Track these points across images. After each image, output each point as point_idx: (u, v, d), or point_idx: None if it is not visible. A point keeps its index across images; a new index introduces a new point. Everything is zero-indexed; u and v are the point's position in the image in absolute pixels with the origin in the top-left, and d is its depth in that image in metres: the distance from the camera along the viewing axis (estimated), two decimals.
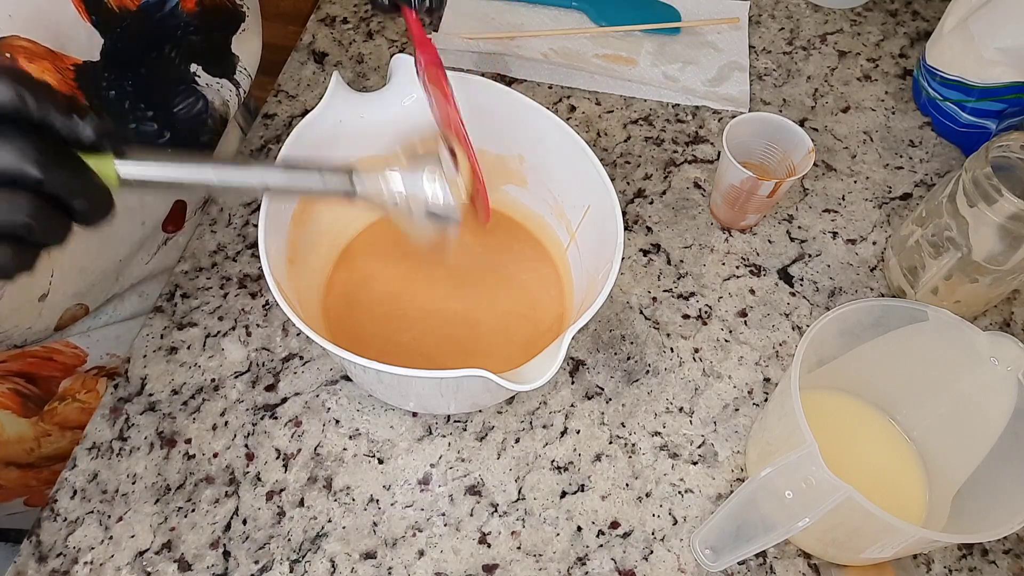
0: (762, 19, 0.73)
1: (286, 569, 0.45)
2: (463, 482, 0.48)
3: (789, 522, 0.38)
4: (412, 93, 0.49)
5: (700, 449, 0.50)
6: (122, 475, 0.47)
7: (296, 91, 0.66)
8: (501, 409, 0.51)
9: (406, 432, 0.49)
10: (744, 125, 0.56)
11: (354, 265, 0.53)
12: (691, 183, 0.62)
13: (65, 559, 0.45)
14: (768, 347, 0.54)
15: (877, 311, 0.44)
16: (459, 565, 0.45)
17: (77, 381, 0.56)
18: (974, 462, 0.44)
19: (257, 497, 0.47)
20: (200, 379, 0.51)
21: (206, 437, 0.49)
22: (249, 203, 0.59)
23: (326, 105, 0.47)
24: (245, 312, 0.54)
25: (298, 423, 0.50)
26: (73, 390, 0.56)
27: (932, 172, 0.64)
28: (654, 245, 0.59)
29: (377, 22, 0.72)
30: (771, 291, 0.57)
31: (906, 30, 0.73)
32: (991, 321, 0.56)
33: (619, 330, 0.54)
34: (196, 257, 0.56)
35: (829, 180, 0.63)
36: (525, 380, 0.37)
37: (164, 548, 0.45)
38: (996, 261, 0.48)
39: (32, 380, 0.54)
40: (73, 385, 0.56)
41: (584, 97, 0.67)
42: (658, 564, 0.46)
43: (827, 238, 0.60)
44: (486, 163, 0.53)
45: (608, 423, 0.50)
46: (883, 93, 0.69)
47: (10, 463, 0.56)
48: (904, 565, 0.46)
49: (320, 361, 0.52)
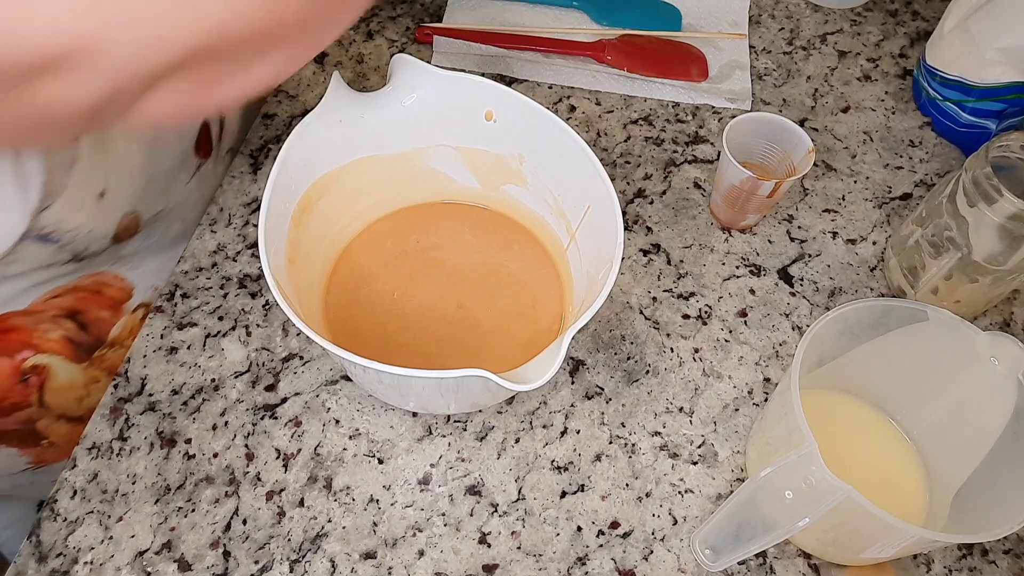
0: (762, 19, 0.73)
1: (286, 569, 0.45)
2: (463, 482, 0.48)
3: (789, 522, 0.38)
4: (412, 93, 0.49)
5: (700, 449, 0.50)
6: (122, 475, 0.47)
7: (296, 91, 0.66)
8: (501, 409, 0.51)
9: (406, 432, 0.50)
10: (744, 125, 0.56)
11: (354, 265, 0.53)
12: (691, 183, 0.62)
13: (65, 559, 0.45)
14: (768, 347, 0.54)
15: (877, 311, 0.44)
16: (459, 565, 0.45)
17: (125, 328, 0.58)
18: (974, 462, 0.44)
19: (257, 497, 0.47)
20: (200, 379, 0.51)
21: (206, 437, 0.49)
22: (249, 203, 0.59)
23: (326, 105, 0.47)
24: (245, 312, 0.54)
25: (298, 423, 0.50)
26: (121, 337, 0.58)
27: (932, 172, 0.64)
28: (654, 245, 0.59)
29: (377, 22, 0.72)
30: (771, 291, 0.57)
31: (906, 30, 0.73)
32: (991, 321, 0.56)
33: (619, 330, 0.54)
34: (196, 257, 0.56)
35: (829, 180, 0.63)
36: (525, 380, 0.37)
37: (164, 548, 0.45)
38: (996, 261, 0.48)
39: (83, 326, 0.56)
40: (121, 333, 0.58)
41: (584, 97, 0.67)
42: (658, 564, 0.46)
43: (827, 238, 0.60)
44: (486, 163, 0.53)
45: (608, 423, 0.50)
46: (883, 93, 0.69)
47: (61, 416, 0.58)
48: (904, 565, 0.46)
49: (320, 361, 0.52)
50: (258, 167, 0.61)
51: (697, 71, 0.68)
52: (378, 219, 0.55)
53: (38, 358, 0.54)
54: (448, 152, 0.53)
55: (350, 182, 0.51)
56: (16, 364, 0.53)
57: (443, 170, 0.54)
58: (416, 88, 0.49)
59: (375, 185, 0.53)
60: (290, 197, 0.46)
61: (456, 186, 0.55)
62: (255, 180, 0.60)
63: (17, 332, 0.53)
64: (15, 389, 0.54)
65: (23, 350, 0.53)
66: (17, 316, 0.52)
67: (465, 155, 0.53)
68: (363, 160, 0.50)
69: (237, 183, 0.60)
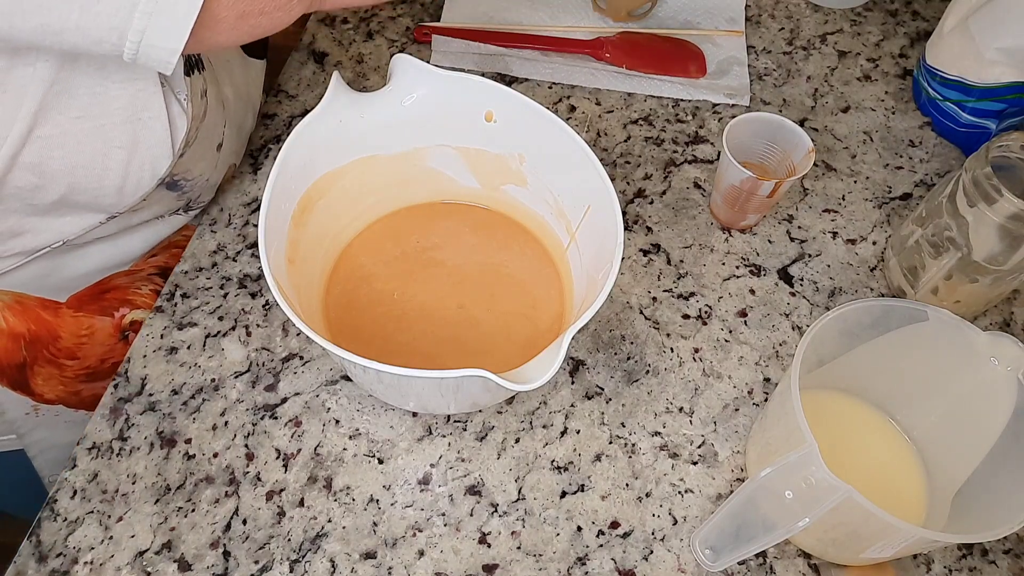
0: (762, 19, 0.73)
1: (286, 569, 0.45)
2: (463, 482, 0.48)
3: (789, 522, 0.38)
4: (412, 93, 0.49)
5: (700, 449, 0.50)
6: (122, 475, 0.47)
7: (296, 91, 0.66)
8: (501, 409, 0.51)
9: (406, 432, 0.50)
10: (744, 125, 0.56)
11: (354, 265, 0.53)
12: (691, 183, 0.62)
13: (65, 559, 0.45)
14: (768, 347, 0.54)
15: (877, 311, 0.44)
16: (459, 565, 0.45)
17: None
18: (974, 462, 0.44)
19: (257, 497, 0.47)
20: (200, 379, 0.51)
21: (206, 437, 0.49)
22: (249, 203, 0.59)
23: (326, 105, 0.47)
24: (245, 312, 0.54)
25: (298, 423, 0.50)
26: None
27: (932, 172, 0.64)
28: (654, 245, 0.59)
29: (377, 22, 0.72)
30: (771, 291, 0.57)
31: (906, 30, 0.73)
32: (991, 321, 0.56)
33: (619, 330, 0.54)
34: (196, 257, 0.56)
35: (829, 180, 0.63)
36: (525, 380, 0.37)
37: (164, 548, 0.45)
38: (996, 261, 0.48)
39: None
40: None
41: (584, 97, 0.67)
42: (658, 564, 0.46)
43: (827, 238, 0.60)
44: (486, 163, 0.53)
45: (608, 423, 0.50)
46: (883, 93, 0.69)
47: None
48: (904, 565, 0.46)
49: (320, 361, 0.52)
50: (258, 167, 0.61)
51: (695, 68, 0.68)
52: (378, 219, 0.55)
53: (135, 314, 0.57)
54: (448, 152, 0.53)
55: (350, 182, 0.51)
56: (116, 322, 0.56)
57: (443, 170, 0.54)
58: (416, 88, 0.49)
59: (375, 185, 0.53)
60: (290, 197, 0.46)
61: (456, 186, 0.55)
62: (255, 180, 0.60)
63: (116, 291, 0.56)
64: (116, 347, 0.57)
65: (121, 307, 0.56)
66: (120, 276, 0.56)
67: (465, 155, 0.53)
68: (363, 160, 0.50)
69: (237, 183, 0.60)
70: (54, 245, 0.50)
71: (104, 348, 0.57)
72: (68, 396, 0.58)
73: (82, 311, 0.55)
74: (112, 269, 0.56)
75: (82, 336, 0.55)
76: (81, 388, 0.58)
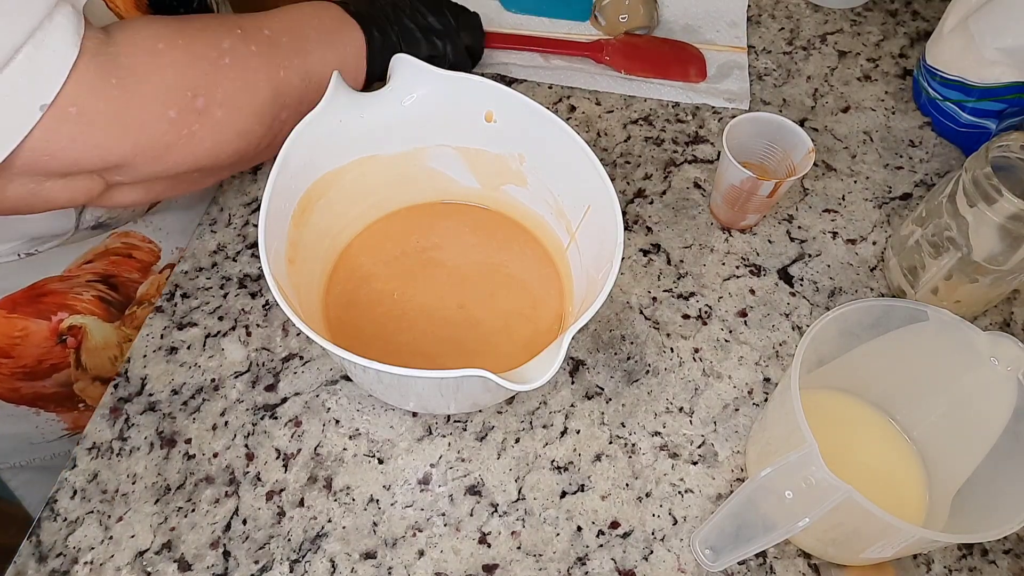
0: (762, 19, 0.73)
1: (286, 569, 0.45)
2: (463, 482, 0.48)
3: (789, 522, 0.38)
4: (412, 93, 0.49)
5: (700, 449, 0.50)
6: (122, 475, 0.47)
7: None
8: (501, 409, 0.51)
9: (406, 432, 0.50)
10: (744, 125, 0.56)
11: (354, 265, 0.53)
12: (691, 183, 0.62)
13: (65, 559, 0.45)
14: (768, 347, 0.54)
15: (877, 311, 0.44)
16: (459, 565, 0.45)
17: (152, 286, 0.61)
18: (974, 462, 0.44)
19: (257, 497, 0.47)
20: (200, 379, 0.51)
21: (206, 437, 0.49)
22: (249, 203, 0.59)
23: (326, 105, 0.47)
24: (245, 312, 0.54)
25: (298, 423, 0.50)
26: (149, 294, 0.61)
27: (932, 172, 0.64)
28: (654, 245, 0.59)
29: None
30: (771, 291, 0.57)
31: (906, 30, 0.73)
32: (991, 321, 0.56)
33: (619, 330, 0.54)
34: (196, 257, 0.56)
35: (829, 180, 0.63)
36: (525, 380, 0.37)
37: (164, 548, 0.45)
38: (996, 261, 0.48)
39: (113, 287, 0.59)
40: (148, 290, 0.61)
41: (584, 97, 0.67)
42: (658, 564, 0.46)
43: (827, 238, 0.60)
44: (486, 163, 0.53)
45: (608, 423, 0.50)
46: (883, 93, 0.69)
47: (96, 377, 0.61)
48: (904, 565, 0.46)
49: (320, 361, 0.52)
50: (258, 167, 0.61)
51: (695, 71, 0.68)
52: (378, 219, 0.55)
53: (74, 319, 0.57)
54: (448, 152, 0.53)
55: (350, 182, 0.51)
56: (53, 326, 0.56)
57: (443, 170, 0.54)
58: (416, 88, 0.49)
59: (375, 185, 0.53)
60: (290, 197, 0.46)
61: (456, 186, 0.55)
62: (255, 180, 0.60)
63: (53, 296, 0.56)
64: (54, 350, 0.57)
65: (59, 312, 0.56)
66: (54, 281, 0.55)
67: (465, 155, 0.53)
68: (363, 160, 0.50)
69: (237, 183, 0.60)
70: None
71: (40, 350, 0.57)
72: (7, 392, 0.59)
73: (16, 312, 0.55)
74: (43, 275, 0.55)
75: (15, 337, 0.56)
76: (20, 386, 0.59)
